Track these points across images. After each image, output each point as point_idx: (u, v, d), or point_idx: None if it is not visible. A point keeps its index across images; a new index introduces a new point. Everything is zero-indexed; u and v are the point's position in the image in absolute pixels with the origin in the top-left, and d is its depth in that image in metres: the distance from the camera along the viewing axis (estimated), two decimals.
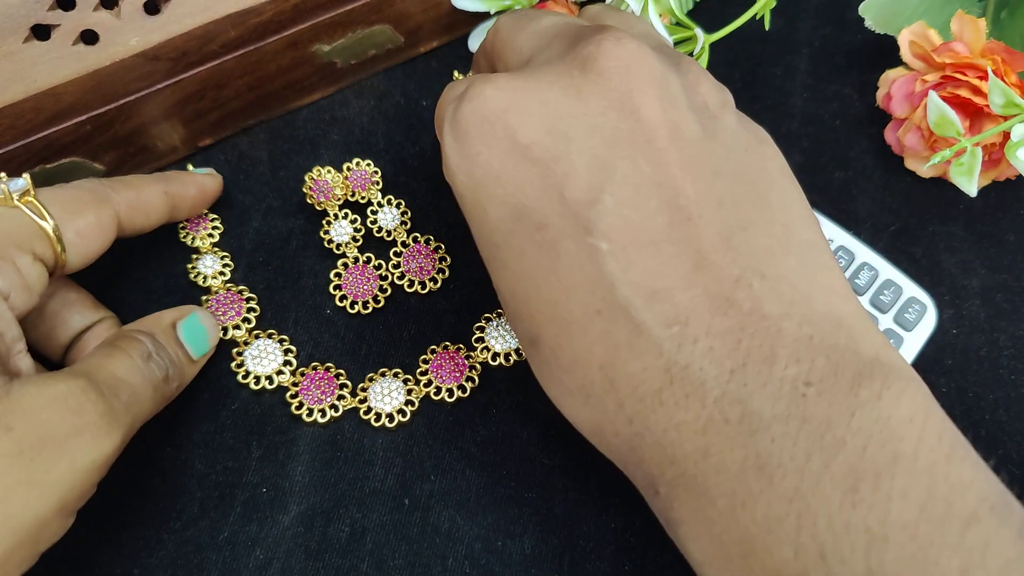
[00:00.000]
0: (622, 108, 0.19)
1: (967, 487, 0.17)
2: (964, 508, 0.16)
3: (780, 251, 0.19)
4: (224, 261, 0.29)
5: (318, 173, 0.30)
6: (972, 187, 0.27)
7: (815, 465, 0.17)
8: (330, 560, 0.24)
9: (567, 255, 0.19)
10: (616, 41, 0.20)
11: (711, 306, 0.18)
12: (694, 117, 0.20)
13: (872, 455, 0.17)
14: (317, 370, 0.27)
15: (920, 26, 0.30)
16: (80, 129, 0.27)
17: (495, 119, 0.19)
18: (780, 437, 0.17)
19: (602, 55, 0.19)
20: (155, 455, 0.26)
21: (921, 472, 0.17)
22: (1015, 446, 0.27)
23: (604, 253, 0.18)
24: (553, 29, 0.22)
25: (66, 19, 0.25)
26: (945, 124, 0.27)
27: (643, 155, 0.19)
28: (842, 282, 0.20)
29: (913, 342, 0.27)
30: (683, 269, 0.18)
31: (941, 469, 0.17)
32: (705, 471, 0.18)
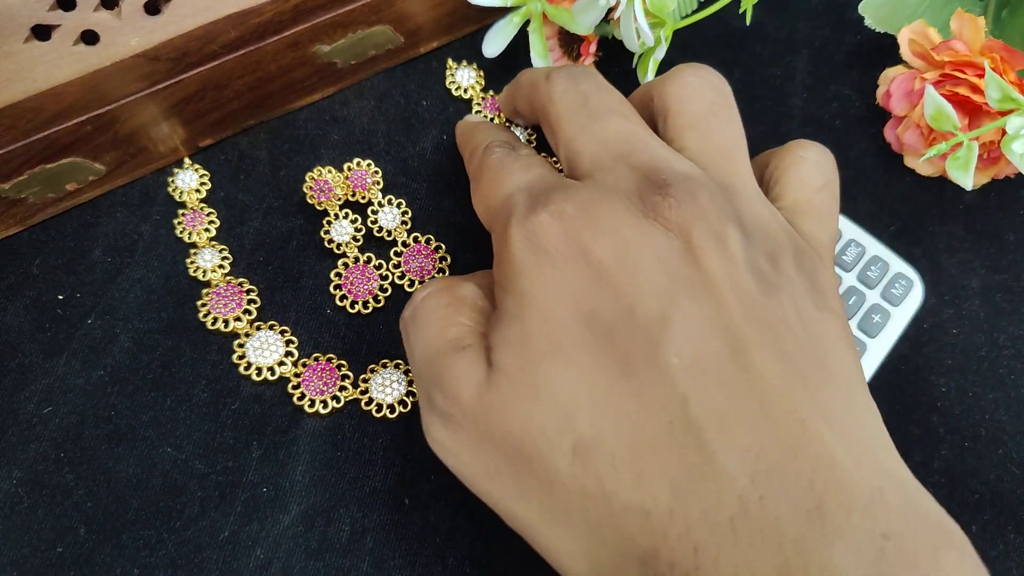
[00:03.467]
0: (684, 258, 0.19)
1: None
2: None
3: (841, 408, 0.19)
4: (223, 254, 0.29)
5: (319, 173, 0.30)
6: (968, 180, 0.28)
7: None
8: (331, 560, 0.25)
9: (639, 364, 0.18)
10: (679, 201, 0.20)
11: (781, 445, 0.18)
12: (753, 275, 0.20)
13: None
14: (319, 361, 0.27)
15: (920, 24, 0.30)
16: (80, 129, 0.27)
17: (572, 236, 0.20)
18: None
19: (667, 209, 0.20)
20: (155, 455, 0.26)
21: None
22: (1015, 446, 0.27)
23: (675, 369, 0.18)
24: (618, 147, 0.22)
25: (66, 19, 0.25)
26: (942, 118, 0.27)
27: (706, 299, 0.19)
28: (894, 449, 0.19)
29: (900, 317, 0.27)
30: (750, 405, 0.18)
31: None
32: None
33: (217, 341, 0.28)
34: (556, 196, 0.21)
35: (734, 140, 0.23)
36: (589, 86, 0.24)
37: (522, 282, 0.20)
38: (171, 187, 0.30)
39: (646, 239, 0.20)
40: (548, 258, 0.20)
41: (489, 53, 0.30)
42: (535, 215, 0.20)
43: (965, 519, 0.26)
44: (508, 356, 0.20)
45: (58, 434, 0.26)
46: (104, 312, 0.28)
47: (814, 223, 0.22)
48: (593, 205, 0.20)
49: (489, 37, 0.30)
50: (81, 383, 0.27)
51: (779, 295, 0.20)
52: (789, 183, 0.23)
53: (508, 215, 0.21)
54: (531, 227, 0.20)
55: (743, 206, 0.21)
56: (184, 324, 0.28)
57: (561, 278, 0.20)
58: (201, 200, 0.30)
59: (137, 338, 0.27)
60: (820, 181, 0.23)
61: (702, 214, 0.20)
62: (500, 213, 0.22)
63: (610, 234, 0.20)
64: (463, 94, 0.32)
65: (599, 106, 0.23)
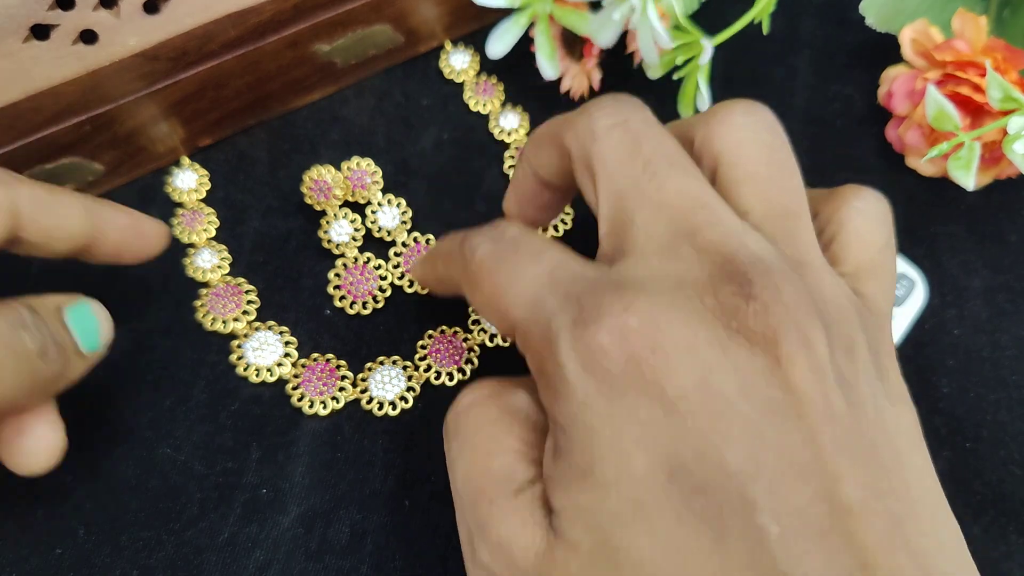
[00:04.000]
0: (771, 379, 0.17)
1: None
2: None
3: (935, 550, 0.17)
4: (222, 254, 0.29)
5: (317, 173, 0.29)
6: (970, 181, 0.27)
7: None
8: (330, 562, 0.24)
9: (734, 534, 0.16)
10: (764, 305, 0.17)
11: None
12: (839, 382, 0.17)
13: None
14: (318, 361, 0.27)
15: (922, 24, 0.30)
16: (79, 129, 0.27)
17: (642, 360, 0.16)
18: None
19: (751, 317, 0.17)
20: (154, 456, 0.26)
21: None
22: (1017, 447, 0.27)
23: (774, 539, 0.16)
24: (682, 220, 0.18)
25: (65, 19, 0.25)
26: (943, 118, 0.27)
27: (797, 432, 0.16)
28: (972, 566, 0.18)
29: (903, 318, 0.27)
30: (849, 568, 0.16)
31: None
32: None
33: (216, 342, 0.27)
34: (610, 304, 0.17)
35: (798, 198, 0.20)
36: (640, 124, 0.20)
37: (588, 421, 0.17)
38: (168, 187, 0.30)
39: (729, 361, 0.17)
40: (616, 392, 0.17)
41: (494, 54, 0.30)
42: (589, 334, 0.17)
43: (967, 521, 0.26)
44: (579, 527, 0.17)
45: None
46: None
47: (877, 287, 0.20)
48: (661, 315, 0.17)
49: (494, 38, 0.30)
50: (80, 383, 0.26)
51: (862, 404, 0.18)
52: (850, 243, 0.20)
53: (545, 329, 0.17)
54: (587, 351, 0.17)
55: (816, 285, 0.18)
56: (183, 325, 0.28)
57: (635, 417, 0.16)
58: (200, 200, 0.30)
59: (136, 339, 0.27)
60: (883, 239, 0.21)
61: (788, 317, 0.17)
62: (530, 326, 0.18)
63: (688, 359, 0.16)
64: (456, 77, 0.32)
65: (655, 155, 0.19)
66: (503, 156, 0.31)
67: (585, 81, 0.31)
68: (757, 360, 0.17)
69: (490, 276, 0.19)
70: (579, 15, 0.29)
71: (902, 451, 0.18)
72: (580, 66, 0.31)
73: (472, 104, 0.32)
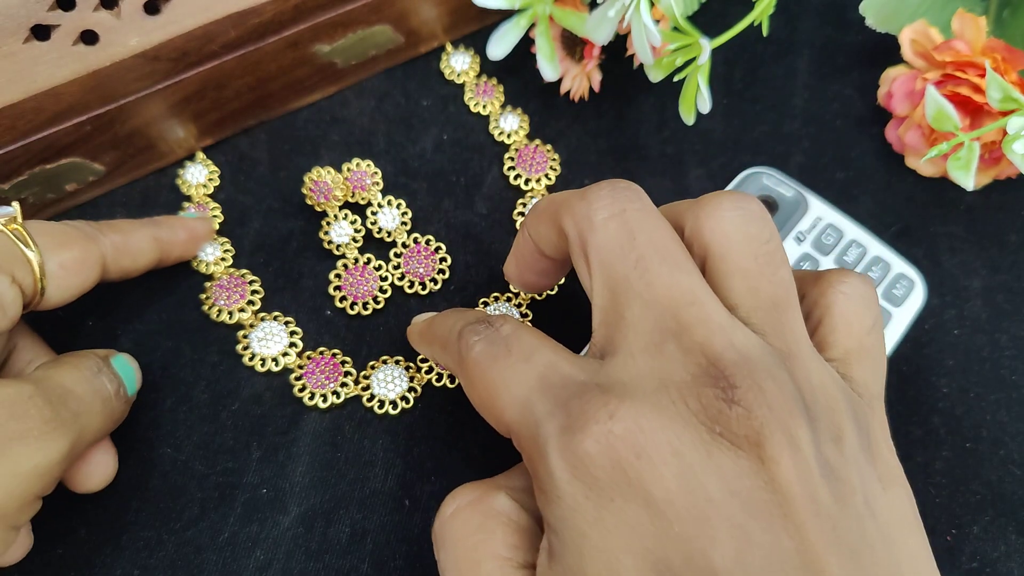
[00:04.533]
0: (756, 480, 0.17)
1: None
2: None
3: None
4: (225, 247, 0.29)
5: (318, 174, 0.29)
6: (969, 181, 0.27)
7: None
8: (330, 561, 0.24)
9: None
10: (747, 408, 0.17)
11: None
12: (825, 476, 0.17)
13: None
14: (323, 355, 0.27)
15: (921, 24, 0.30)
16: (80, 129, 0.27)
17: (627, 466, 0.17)
18: None
19: (735, 421, 0.17)
20: (155, 456, 0.26)
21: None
22: (1016, 446, 0.27)
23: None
24: (671, 319, 0.18)
25: (66, 19, 0.25)
26: (943, 119, 0.27)
27: (784, 530, 0.17)
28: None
29: (902, 317, 0.27)
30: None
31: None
32: None
33: (217, 342, 0.27)
34: (595, 411, 0.17)
35: (786, 289, 0.20)
36: (636, 215, 0.20)
37: (578, 526, 0.17)
38: (179, 179, 0.30)
39: (712, 463, 0.17)
40: (604, 496, 0.17)
41: (494, 55, 0.30)
42: (576, 442, 0.17)
43: (966, 520, 0.26)
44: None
45: None
46: (104, 313, 0.28)
47: (867, 371, 0.20)
48: (645, 420, 0.17)
49: (494, 39, 0.30)
50: None
51: (851, 495, 0.18)
52: (836, 327, 0.20)
53: (535, 434, 0.18)
54: (575, 458, 0.17)
55: (804, 376, 0.19)
56: (184, 325, 0.28)
57: (623, 521, 0.17)
58: (207, 196, 0.30)
59: (137, 339, 0.27)
60: (870, 321, 0.21)
61: (772, 415, 0.17)
62: (520, 428, 0.18)
63: (672, 463, 0.17)
64: (456, 79, 0.32)
65: (647, 249, 0.19)
66: (503, 157, 0.31)
67: (585, 82, 0.31)
68: (742, 462, 0.17)
69: (483, 376, 0.20)
70: (579, 17, 0.29)
71: (894, 538, 0.18)
72: (580, 68, 0.31)
73: (472, 105, 0.32)
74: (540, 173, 0.31)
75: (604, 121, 0.32)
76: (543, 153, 0.31)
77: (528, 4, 0.29)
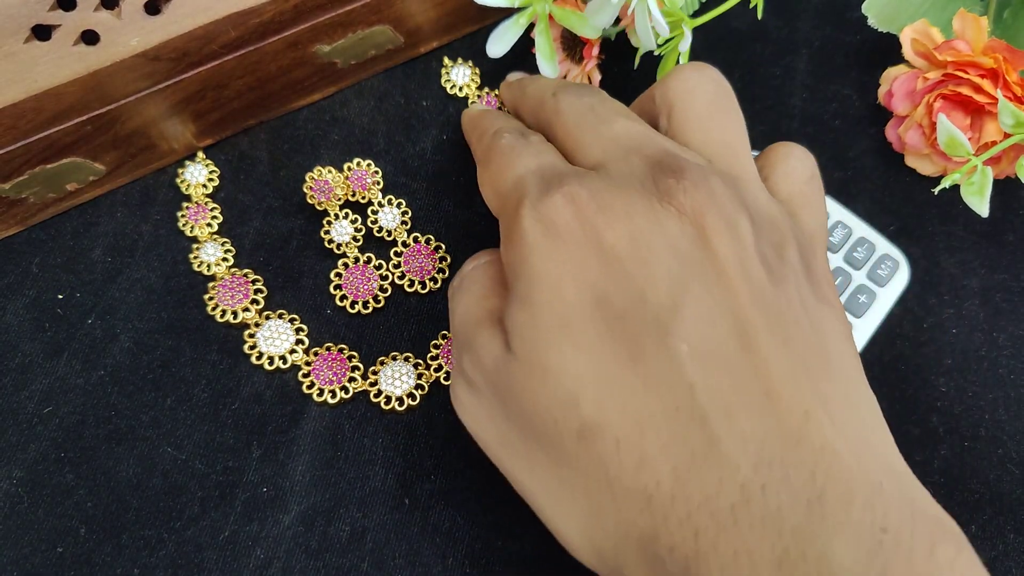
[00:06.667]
0: (696, 243, 0.20)
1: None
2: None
3: (842, 400, 0.19)
4: (226, 247, 0.29)
5: (318, 173, 0.30)
6: (984, 207, 0.27)
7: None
8: (330, 559, 0.25)
9: (648, 350, 0.19)
10: (693, 184, 0.20)
11: (783, 434, 0.18)
12: (761, 262, 0.20)
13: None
14: (331, 351, 0.27)
15: (922, 24, 0.30)
16: (81, 129, 0.27)
17: (585, 220, 0.20)
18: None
19: (681, 193, 0.20)
20: (155, 455, 0.26)
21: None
22: (1015, 445, 0.27)
23: (684, 355, 0.18)
24: (628, 141, 0.22)
25: (67, 19, 0.25)
26: (955, 145, 0.27)
27: (716, 284, 0.19)
28: (893, 443, 0.20)
29: (886, 297, 0.28)
30: (755, 393, 0.18)
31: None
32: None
33: (217, 340, 0.28)
34: (570, 180, 0.21)
35: (737, 133, 0.23)
36: (594, 99, 0.24)
37: (533, 263, 0.20)
38: (179, 179, 0.30)
39: (659, 225, 0.20)
40: (560, 241, 0.20)
41: (494, 54, 0.30)
42: (548, 197, 0.20)
43: (964, 519, 0.26)
44: (518, 341, 0.20)
45: (58, 434, 0.26)
46: (104, 312, 0.28)
47: (808, 213, 0.23)
48: (607, 190, 0.20)
49: (494, 38, 0.30)
50: (81, 383, 0.27)
51: (785, 284, 0.20)
52: (779, 177, 0.23)
53: (519, 198, 0.21)
54: (543, 209, 0.20)
55: (749, 196, 0.21)
56: (184, 324, 0.28)
57: (572, 261, 0.20)
58: (207, 195, 0.30)
59: (137, 338, 0.27)
60: (808, 173, 0.24)
61: (714, 200, 0.20)
62: (511, 196, 0.22)
63: (623, 220, 0.20)
64: (459, 92, 0.32)
65: (605, 112, 0.24)
66: None
67: (585, 82, 0.31)
68: (686, 228, 0.20)
69: (500, 158, 0.23)
70: (579, 16, 0.29)
71: (825, 333, 0.20)
72: (580, 68, 0.31)
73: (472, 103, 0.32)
74: None
75: None
76: None
77: (528, 3, 0.29)
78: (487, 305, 0.22)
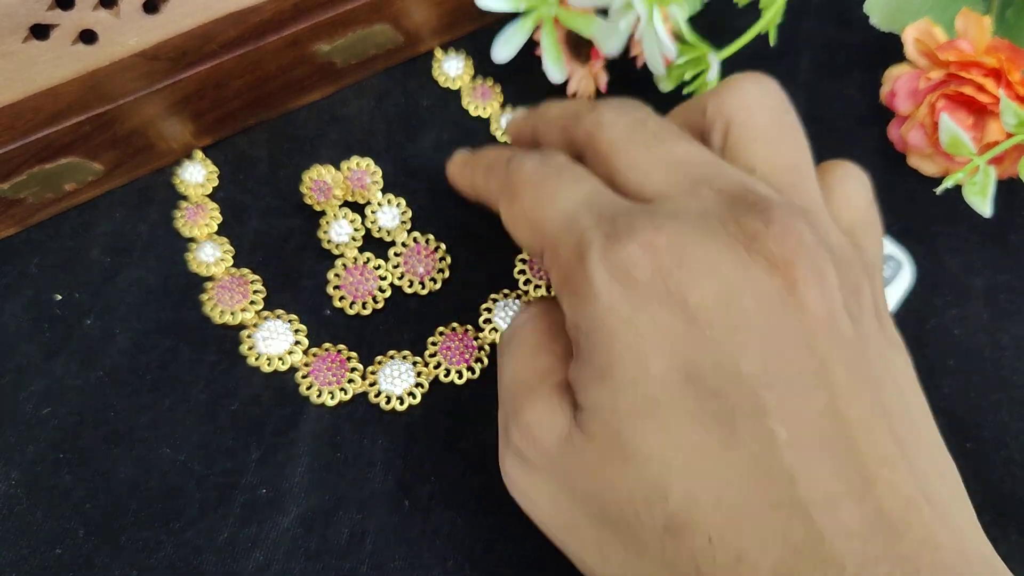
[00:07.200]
0: (788, 297, 0.18)
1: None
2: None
3: (935, 476, 0.18)
4: (224, 247, 0.29)
5: (317, 173, 0.29)
6: (987, 207, 0.27)
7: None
8: (330, 562, 0.24)
9: (743, 434, 0.17)
10: (783, 229, 0.18)
11: (887, 526, 0.16)
12: (848, 314, 0.18)
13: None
14: (329, 351, 0.27)
15: (925, 23, 0.30)
16: (79, 129, 0.27)
17: (668, 273, 0.18)
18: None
19: (771, 239, 0.18)
20: (153, 457, 0.26)
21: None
22: (1018, 447, 0.27)
23: (783, 443, 0.17)
24: (694, 169, 0.20)
25: (65, 19, 0.25)
26: (958, 145, 0.27)
27: (808, 349, 0.17)
28: (975, 519, 0.19)
29: (888, 298, 0.28)
30: (856, 479, 0.17)
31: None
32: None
33: (215, 341, 0.27)
34: (642, 224, 0.18)
35: (803, 156, 0.21)
36: (642, 112, 0.22)
37: (613, 330, 0.18)
38: (177, 178, 0.30)
39: (749, 279, 0.18)
40: (641, 300, 0.18)
41: (500, 59, 0.30)
42: (621, 247, 0.18)
43: None
44: (596, 423, 0.18)
45: (56, 435, 0.26)
46: (102, 312, 0.28)
47: (870, 243, 0.21)
48: (688, 236, 0.18)
49: (500, 42, 0.30)
50: (79, 384, 0.27)
51: (866, 338, 0.19)
52: (840, 202, 0.21)
53: (578, 242, 0.19)
54: (618, 261, 0.18)
55: (824, 230, 0.19)
56: (182, 325, 0.28)
57: (657, 328, 0.18)
58: (206, 195, 0.30)
59: (135, 339, 0.27)
60: (867, 197, 0.22)
61: (803, 246, 0.18)
62: (563, 239, 0.19)
63: (710, 274, 0.18)
64: (451, 84, 0.32)
65: (660, 128, 0.21)
66: None
67: (592, 84, 0.31)
68: (775, 281, 0.18)
69: (532, 189, 0.21)
70: (584, 18, 0.28)
71: (903, 386, 0.19)
72: (587, 69, 0.31)
73: (472, 110, 0.32)
74: None
75: None
76: None
77: (533, 6, 0.29)
78: (540, 366, 0.20)
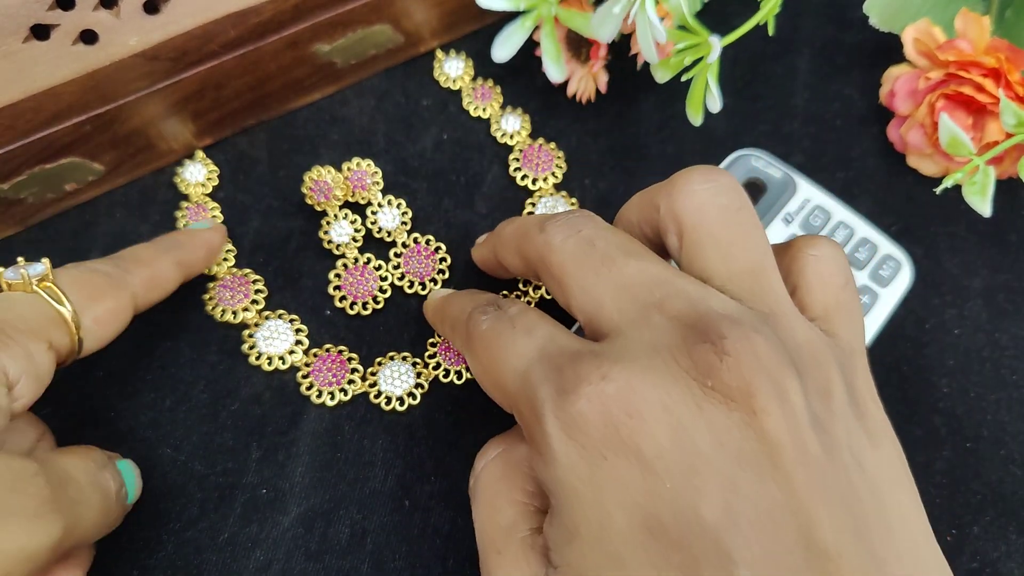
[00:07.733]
0: (747, 429, 0.17)
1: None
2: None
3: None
4: (225, 247, 0.29)
5: (318, 173, 0.29)
6: (986, 207, 0.27)
7: None
8: (330, 561, 0.24)
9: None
10: (737, 359, 0.17)
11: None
12: (815, 430, 0.18)
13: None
14: (330, 352, 0.27)
15: (924, 23, 0.30)
16: (79, 129, 0.27)
17: (619, 424, 0.17)
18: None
19: (725, 371, 0.17)
20: (154, 456, 0.26)
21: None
22: (1017, 446, 0.27)
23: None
24: (644, 292, 0.19)
25: (65, 19, 0.25)
26: (957, 145, 0.27)
27: (773, 480, 0.17)
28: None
29: (888, 298, 0.28)
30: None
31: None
32: None
33: (216, 341, 0.27)
34: (587, 371, 0.18)
35: (761, 254, 0.20)
36: (592, 230, 0.21)
37: (572, 484, 0.18)
38: (178, 178, 0.30)
39: (703, 417, 0.17)
40: (596, 454, 0.17)
41: (500, 58, 0.30)
42: (569, 403, 0.18)
43: (967, 520, 0.26)
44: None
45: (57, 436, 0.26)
46: None
47: (846, 326, 0.21)
48: (637, 380, 0.18)
49: (500, 41, 0.30)
50: (80, 384, 0.27)
51: (838, 448, 0.18)
52: (812, 287, 0.21)
53: (532, 400, 0.19)
54: (568, 418, 0.18)
55: (789, 333, 0.19)
56: (183, 325, 0.28)
57: (614, 478, 0.17)
58: (206, 195, 0.30)
59: (136, 339, 0.27)
60: (842, 278, 0.21)
61: (760, 367, 0.17)
62: (519, 396, 0.19)
63: (662, 418, 0.17)
64: (452, 85, 0.32)
65: (609, 248, 0.20)
66: (504, 157, 0.31)
67: (592, 84, 0.31)
68: (733, 415, 0.17)
69: (488, 349, 0.20)
70: (584, 17, 0.28)
71: (883, 492, 0.18)
72: (587, 69, 0.31)
73: (472, 110, 0.32)
74: (547, 172, 0.31)
75: (604, 121, 0.32)
76: (548, 152, 0.31)
77: (533, 5, 0.29)
78: (504, 521, 0.20)
